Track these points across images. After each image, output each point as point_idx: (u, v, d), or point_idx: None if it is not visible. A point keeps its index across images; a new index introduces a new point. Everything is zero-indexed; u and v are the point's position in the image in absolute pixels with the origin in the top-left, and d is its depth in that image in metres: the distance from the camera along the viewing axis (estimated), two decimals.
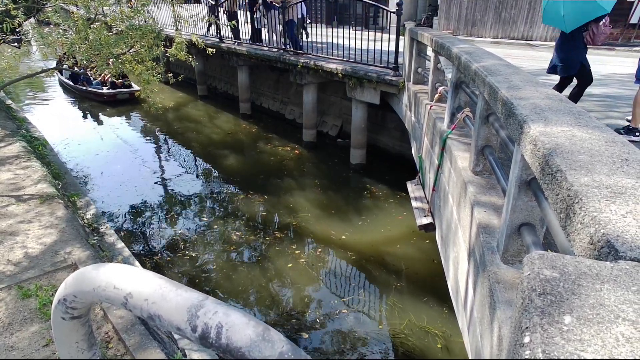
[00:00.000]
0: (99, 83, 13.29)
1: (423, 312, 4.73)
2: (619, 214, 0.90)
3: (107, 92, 12.73)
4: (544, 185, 1.30)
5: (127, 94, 12.89)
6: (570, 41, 4.31)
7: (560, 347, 0.57)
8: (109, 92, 12.73)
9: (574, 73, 4.47)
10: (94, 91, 13.02)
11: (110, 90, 12.84)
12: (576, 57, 4.34)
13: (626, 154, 1.21)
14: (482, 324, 2.12)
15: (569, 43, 4.33)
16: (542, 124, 1.56)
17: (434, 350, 4.25)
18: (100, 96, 12.96)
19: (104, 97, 12.86)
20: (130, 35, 4.62)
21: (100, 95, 12.91)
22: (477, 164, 2.97)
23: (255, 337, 0.69)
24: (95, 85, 13.21)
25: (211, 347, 0.71)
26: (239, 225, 6.49)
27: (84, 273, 0.84)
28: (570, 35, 4.25)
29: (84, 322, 0.99)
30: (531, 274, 0.73)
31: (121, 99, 13.00)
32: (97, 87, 13.13)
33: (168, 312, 0.74)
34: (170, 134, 10.99)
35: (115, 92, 12.72)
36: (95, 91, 12.98)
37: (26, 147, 6.12)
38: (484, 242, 2.29)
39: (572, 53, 4.33)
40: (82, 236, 3.83)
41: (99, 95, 12.98)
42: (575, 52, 4.32)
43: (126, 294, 0.78)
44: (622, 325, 0.59)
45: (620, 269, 0.71)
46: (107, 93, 12.73)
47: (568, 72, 4.46)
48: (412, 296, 5.00)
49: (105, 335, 2.58)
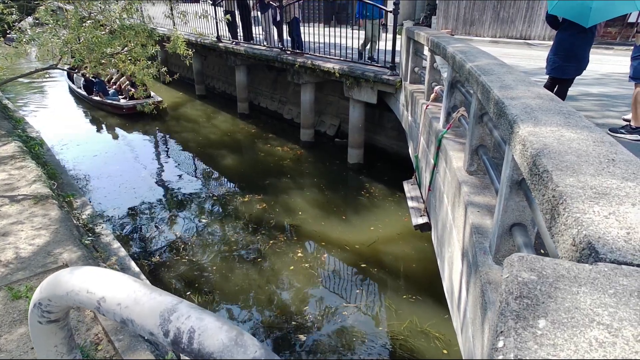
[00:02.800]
0: (115, 93, 11.86)
1: (420, 313, 4.72)
2: (602, 215, 0.88)
3: (126, 105, 11.29)
4: (532, 186, 1.29)
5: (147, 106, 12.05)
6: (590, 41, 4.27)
7: (533, 352, 0.56)
8: (127, 104, 11.28)
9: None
10: (110, 103, 11.49)
11: (129, 101, 11.42)
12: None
13: (613, 154, 1.20)
14: (475, 325, 2.11)
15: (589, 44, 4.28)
16: (532, 124, 1.55)
17: (433, 352, 4.24)
18: (118, 109, 11.45)
19: (123, 110, 11.34)
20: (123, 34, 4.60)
21: (119, 108, 11.41)
22: (471, 164, 2.97)
23: (228, 341, 0.68)
24: (112, 97, 11.73)
25: (183, 352, 0.70)
26: (236, 225, 6.48)
27: (58, 277, 0.83)
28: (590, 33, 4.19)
29: (62, 325, 0.98)
30: (509, 277, 0.72)
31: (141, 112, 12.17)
32: (114, 98, 11.67)
33: (140, 317, 0.73)
34: (168, 134, 10.97)
35: (134, 103, 11.05)
36: (112, 103, 11.47)
37: (22, 147, 6.10)
38: (476, 242, 2.28)
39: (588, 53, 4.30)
40: (75, 237, 3.82)
41: (116, 108, 11.50)
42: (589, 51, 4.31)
43: (99, 299, 0.77)
44: (596, 330, 0.58)
45: (598, 272, 0.70)
46: (125, 105, 11.28)
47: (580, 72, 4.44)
48: (409, 296, 4.99)
49: (95, 337, 2.56)
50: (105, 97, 11.67)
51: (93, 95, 11.93)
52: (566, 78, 4.51)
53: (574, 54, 4.30)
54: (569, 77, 4.51)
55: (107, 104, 11.56)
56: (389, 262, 5.62)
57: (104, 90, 11.87)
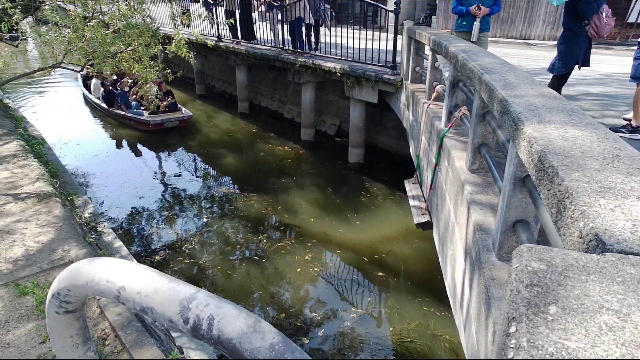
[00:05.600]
0: (138, 105, 10.48)
1: (421, 311, 4.74)
2: (608, 208, 0.91)
3: (154, 120, 9.94)
4: (537, 182, 1.31)
5: (176, 121, 10.20)
6: (573, 37, 4.29)
7: (545, 336, 0.58)
8: (155, 120, 9.95)
9: (568, 71, 4.48)
10: (134, 118, 10.09)
11: (156, 117, 10.06)
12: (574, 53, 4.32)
13: (617, 150, 1.22)
14: (478, 321, 2.13)
15: (572, 39, 4.31)
16: (536, 122, 1.57)
17: (437, 351, 4.26)
18: (143, 125, 10.08)
19: (149, 126, 9.98)
20: (127, 33, 4.62)
21: (144, 124, 10.04)
22: (473, 162, 2.99)
23: (246, 328, 0.70)
24: (136, 110, 10.40)
25: (203, 338, 0.72)
26: (237, 224, 6.50)
27: (78, 267, 0.85)
28: (573, 30, 4.24)
29: (78, 316, 1.00)
30: (519, 266, 0.74)
31: (170, 127, 10.18)
32: (138, 111, 10.35)
33: (160, 305, 0.75)
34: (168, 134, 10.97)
35: (163, 119, 9.98)
36: (136, 118, 10.06)
37: (24, 145, 6.11)
38: (479, 239, 2.30)
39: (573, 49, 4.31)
40: (79, 234, 3.83)
41: (141, 124, 10.12)
42: (576, 48, 4.31)
43: (119, 287, 0.79)
44: (606, 315, 0.60)
45: (606, 261, 0.72)
46: (153, 121, 9.93)
47: (563, 69, 4.46)
48: (410, 295, 5.02)
49: (102, 332, 2.58)
50: (128, 110, 10.34)
51: (114, 108, 10.54)
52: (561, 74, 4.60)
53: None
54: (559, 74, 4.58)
55: (131, 118, 10.20)
56: (389, 261, 5.65)
57: (127, 103, 10.48)
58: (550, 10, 12.27)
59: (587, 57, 4.43)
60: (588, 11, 4.10)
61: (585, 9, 4.10)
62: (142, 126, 10.13)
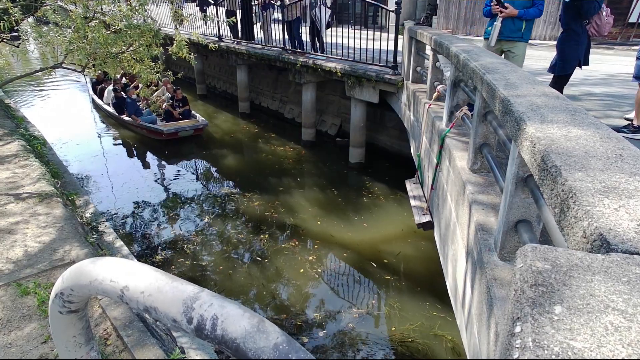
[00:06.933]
0: (150, 112, 10.04)
1: (423, 311, 4.74)
2: (612, 208, 0.90)
3: (167, 130, 9.40)
4: (540, 182, 1.30)
5: (191, 130, 9.67)
6: (574, 36, 4.27)
7: (550, 336, 0.58)
8: (168, 129, 9.42)
9: (571, 71, 4.46)
10: (146, 126, 9.57)
11: (169, 126, 9.55)
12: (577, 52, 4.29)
13: (620, 149, 1.22)
14: (480, 321, 2.13)
15: (573, 39, 4.28)
16: (539, 122, 1.57)
17: (439, 351, 4.26)
18: (156, 134, 9.55)
19: (163, 136, 9.44)
20: (128, 34, 4.63)
21: (157, 133, 9.49)
22: (475, 162, 2.98)
23: (250, 328, 0.70)
24: (148, 117, 9.93)
25: (207, 338, 0.72)
26: (238, 224, 6.50)
27: (81, 267, 0.85)
28: (573, 29, 4.22)
29: (80, 316, 1.00)
30: (524, 266, 0.74)
31: (184, 137, 9.68)
32: (151, 118, 9.95)
33: (164, 305, 0.75)
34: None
35: (177, 128, 9.49)
36: (148, 126, 9.54)
37: (25, 145, 6.12)
38: (481, 239, 2.29)
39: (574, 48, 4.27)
40: (80, 234, 3.84)
41: (154, 133, 9.59)
42: (577, 47, 4.28)
43: (122, 287, 0.79)
44: (612, 315, 0.60)
45: (611, 261, 0.72)
46: (167, 131, 9.38)
47: (566, 70, 4.44)
48: (411, 295, 5.01)
49: (104, 332, 2.59)
50: (139, 117, 9.89)
51: (124, 116, 10.13)
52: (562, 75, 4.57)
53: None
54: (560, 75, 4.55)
55: (143, 127, 9.66)
56: (391, 261, 5.64)
57: (137, 111, 10.05)
58: (551, 10, 12.26)
59: (587, 56, 4.42)
60: (591, 10, 4.08)
61: (588, 7, 4.07)
62: (155, 135, 9.67)
